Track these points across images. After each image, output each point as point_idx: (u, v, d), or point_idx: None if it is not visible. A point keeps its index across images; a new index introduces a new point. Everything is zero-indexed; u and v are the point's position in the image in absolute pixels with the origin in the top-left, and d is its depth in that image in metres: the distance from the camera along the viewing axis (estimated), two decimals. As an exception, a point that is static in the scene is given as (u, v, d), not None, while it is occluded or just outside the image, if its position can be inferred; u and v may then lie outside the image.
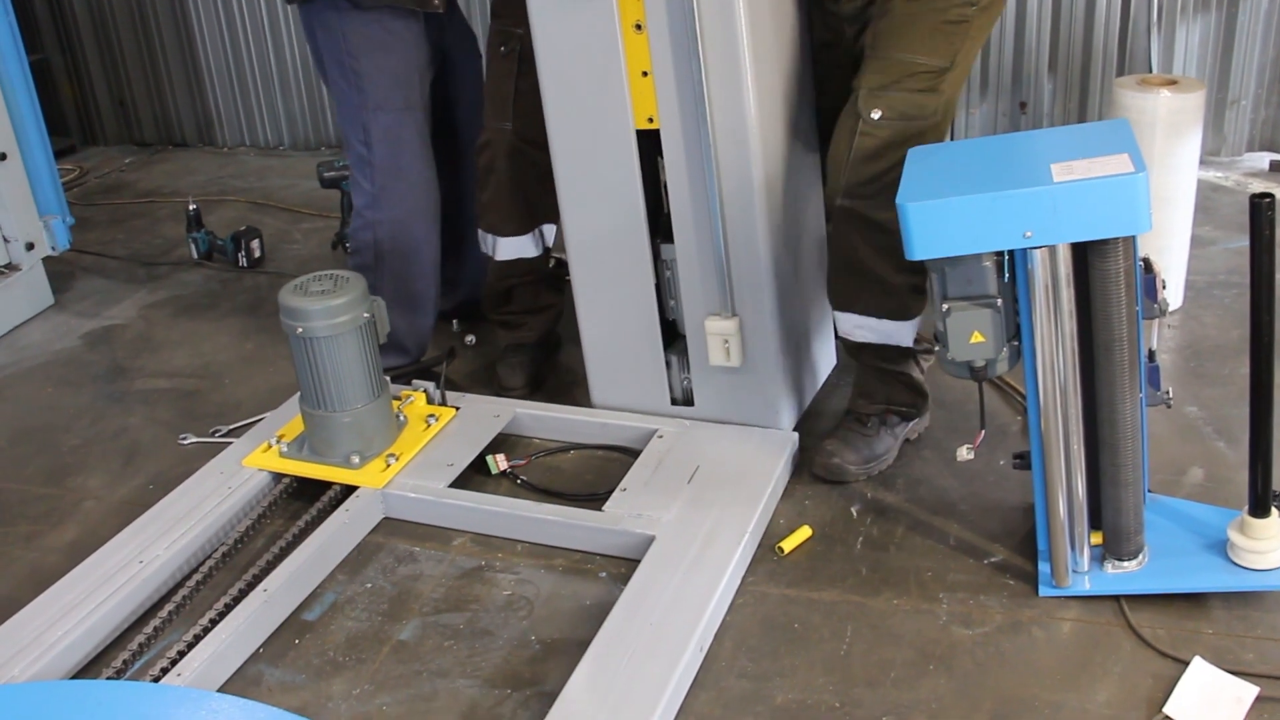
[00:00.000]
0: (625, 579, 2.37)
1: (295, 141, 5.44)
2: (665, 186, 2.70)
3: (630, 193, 2.69)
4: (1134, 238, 2.08)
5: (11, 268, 3.90)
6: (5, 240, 3.87)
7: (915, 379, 2.74)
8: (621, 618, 2.23)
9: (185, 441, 3.12)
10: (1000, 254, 2.14)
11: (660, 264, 2.80)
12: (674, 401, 2.90)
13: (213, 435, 3.12)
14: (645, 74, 2.56)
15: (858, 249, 2.55)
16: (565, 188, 2.76)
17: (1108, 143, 2.12)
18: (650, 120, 2.60)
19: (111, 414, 3.31)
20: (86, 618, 2.38)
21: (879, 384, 2.73)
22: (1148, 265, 2.23)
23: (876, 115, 2.45)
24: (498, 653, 2.30)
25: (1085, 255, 2.10)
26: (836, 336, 2.78)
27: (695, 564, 2.35)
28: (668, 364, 2.87)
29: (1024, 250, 2.09)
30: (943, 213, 2.05)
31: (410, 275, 3.12)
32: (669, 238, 2.73)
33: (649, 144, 2.66)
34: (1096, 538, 2.32)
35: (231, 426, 3.14)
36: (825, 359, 3.10)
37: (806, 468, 2.74)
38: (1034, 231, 2.03)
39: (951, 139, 2.93)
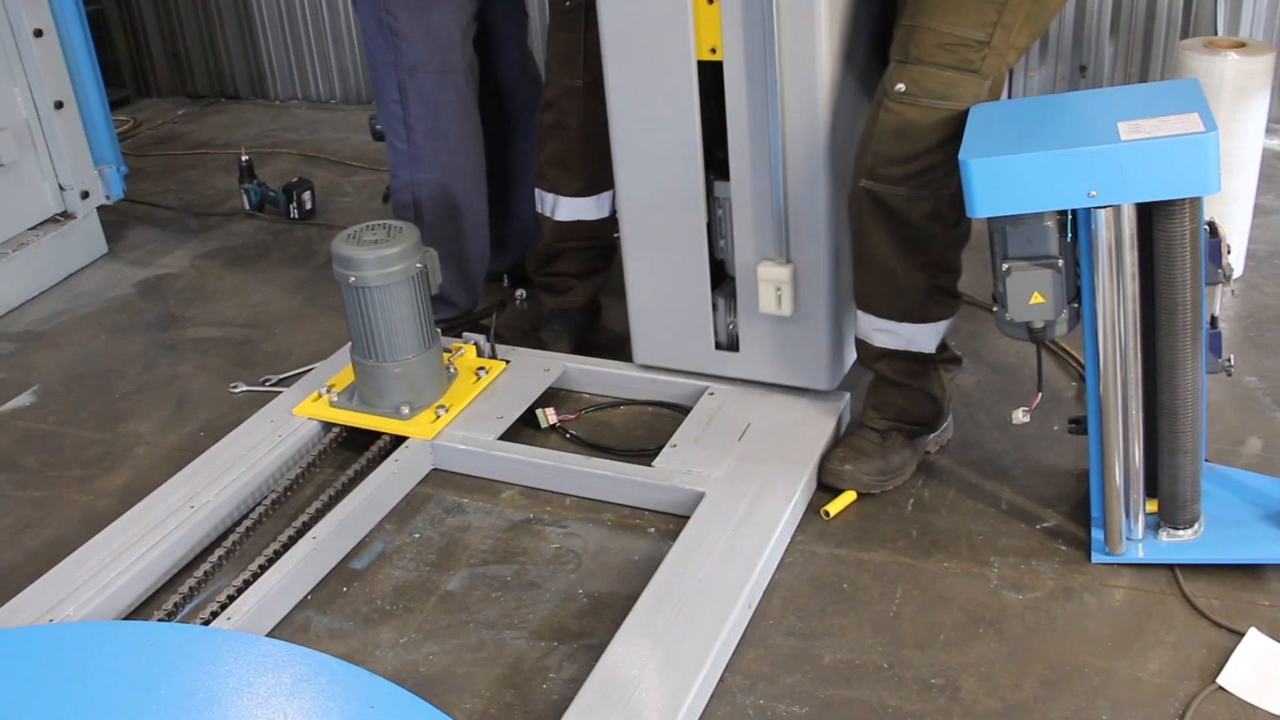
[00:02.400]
0: (674, 535, 2.37)
1: (347, 95, 5.44)
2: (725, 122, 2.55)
3: (687, 127, 2.57)
4: (1200, 199, 2.03)
5: (67, 216, 3.92)
6: (61, 188, 3.89)
7: (934, 394, 2.54)
8: (670, 573, 2.22)
9: (236, 390, 3.13)
10: (1063, 213, 2.10)
11: (713, 201, 2.68)
12: (718, 345, 2.79)
13: (263, 384, 3.14)
14: (711, 1, 2.44)
15: (871, 238, 2.38)
16: (619, 122, 2.64)
17: (1177, 101, 2.08)
18: (713, 51, 2.47)
19: (163, 361, 3.34)
20: (138, 560, 2.40)
21: (893, 396, 2.55)
22: (1213, 229, 2.18)
23: (900, 89, 2.26)
24: (545, 605, 2.30)
25: (1150, 216, 2.06)
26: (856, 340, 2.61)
27: (745, 521, 2.34)
28: (714, 306, 2.76)
29: (1088, 210, 2.05)
30: (1006, 170, 2.01)
31: (454, 235, 3.09)
32: (723, 175, 2.61)
33: (708, 77, 2.53)
34: (1151, 505, 2.29)
35: (282, 376, 3.15)
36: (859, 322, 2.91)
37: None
38: (1099, 190, 1.99)
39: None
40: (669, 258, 2.74)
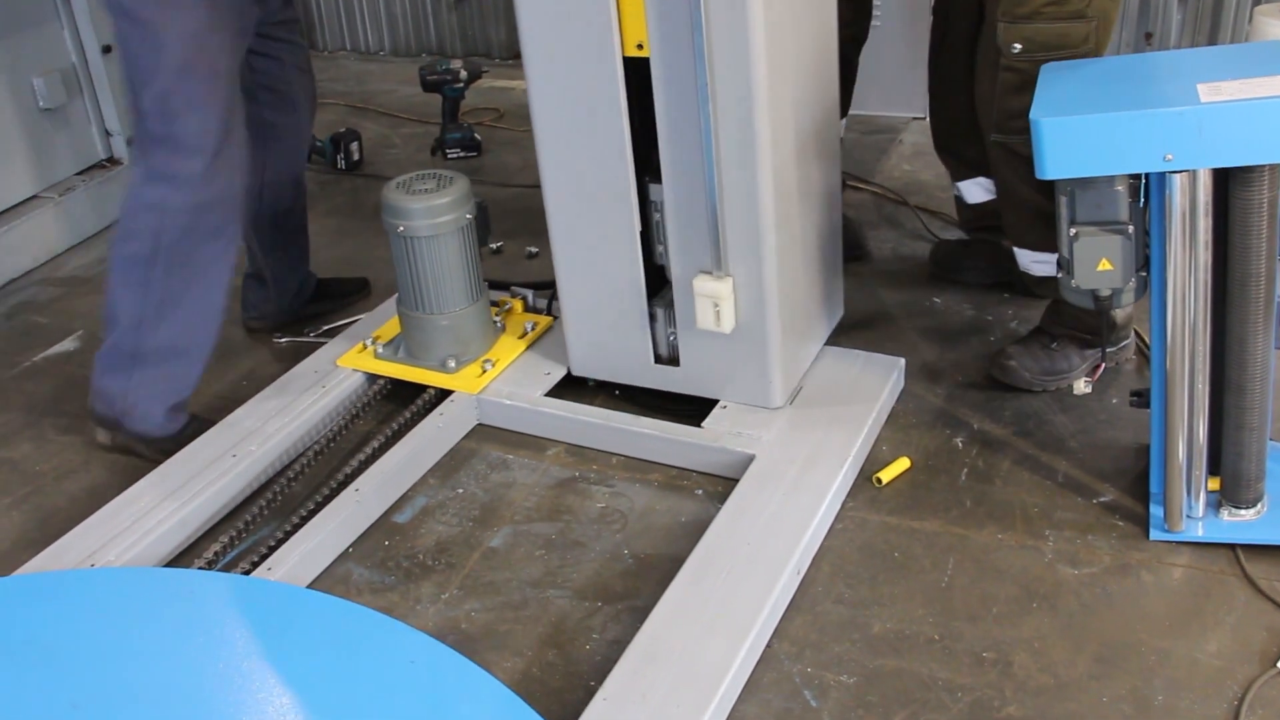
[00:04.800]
0: (722, 497, 2.32)
1: (396, 47, 5.38)
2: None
3: (614, 128, 2.33)
4: (1279, 167, 1.96)
5: (113, 162, 3.90)
6: (108, 134, 3.87)
7: None
8: (718, 536, 2.18)
9: (280, 340, 3.11)
10: (1134, 177, 2.04)
11: (650, 205, 2.46)
12: (657, 359, 2.60)
13: (307, 335, 3.11)
14: None
15: (1015, 185, 2.47)
16: (542, 120, 2.41)
17: (1259, 64, 2.00)
18: (640, 47, 2.24)
19: (208, 309, 3.31)
20: (180, 508, 2.39)
21: (1066, 307, 2.57)
22: (1290, 199, 2.11)
23: (1016, 49, 2.33)
24: (589, 565, 2.27)
25: (1225, 183, 1.98)
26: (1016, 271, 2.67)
27: (795, 486, 2.29)
28: (652, 316, 2.55)
29: (1162, 174, 1.98)
30: (1078, 130, 1.94)
31: (195, 272, 2.56)
32: (659, 177, 2.38)
33: (639, 74, 2.29)
34: (1213, 483, 2.23)
35: (326, 327, 3.12)
36: (829, 314, 2.72)
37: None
38: (1175, 154, 1.91)
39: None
40: (601, 265, 2.53)
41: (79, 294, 3.46)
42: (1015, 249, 2.62)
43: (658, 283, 2.55)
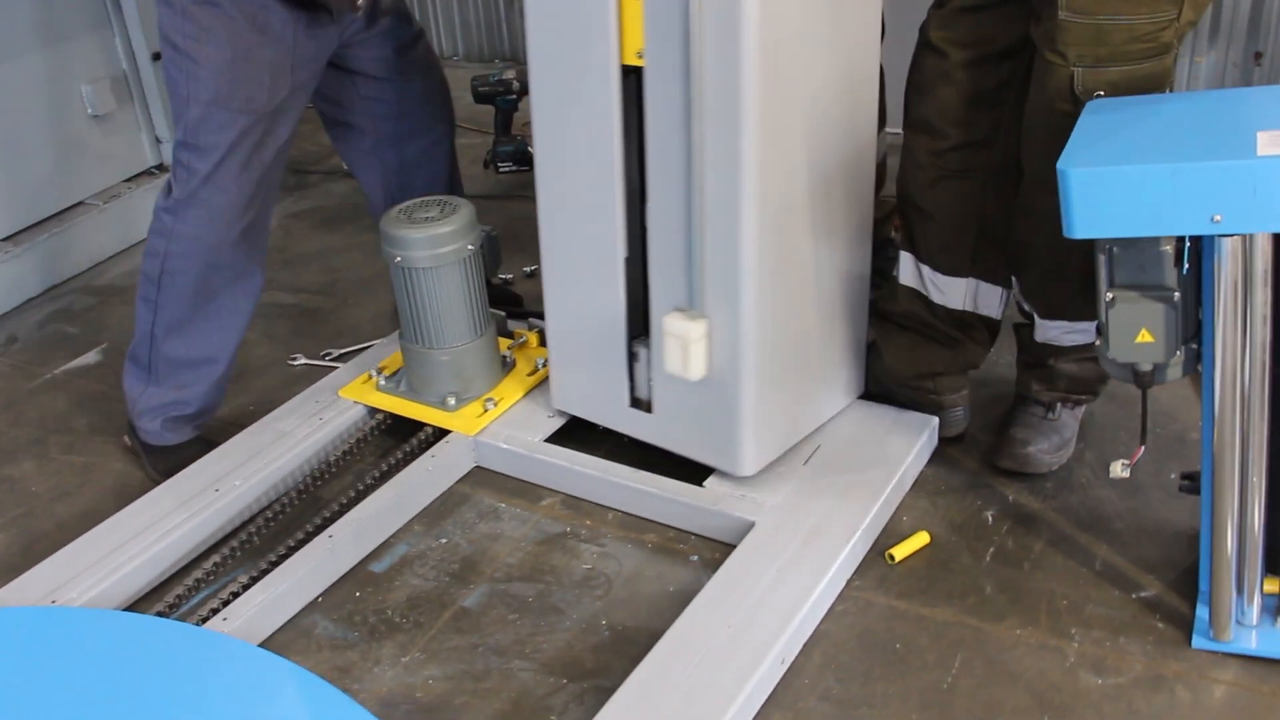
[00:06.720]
0: (717, 566, 2.12)
1: (469, 52, 5.26)
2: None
3: (605, 143, 2.15)
4: (1353, 233, 1.69)
5: (163, 169, 3.83)
6: (158, 141, 3.81)
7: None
8: (697, 615, 1.98)
9: (295, 363, 2.99)
10: (1184, 237, 1.78)
11: (647, 231, 2.25)
12: (634, 403, 2.39)
13: (324, 358, 2.99)
14: None
15: (1073, 248, 2.06)
16: (541, 134, 2.25)
17: (1334, 111, 1.73)
18: (640, 55, 2.07)
19: (233, 326, 3.21)
20: (152, 545, 2.28)
21: (1067, 369, 2.36)
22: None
23: (1101, 95, 1.99)
24: (562, 635, 2.09)
25: (1289, 248, 1.73)
26: (1031, 337, 2.37)
27: (793, 561, 2.08)
28: (635, 355, 2.34)
29: (1211, 237, 1.72)
30: (1112, 183, 1.68)
31: (203, 301, 2.52)
32: None
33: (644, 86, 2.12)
34: (1271, 584, 1.96)
35: (344, 350, 3.00)
36: (848, 376, 2.47)
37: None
38: (1225, 215, 1.65)
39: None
40: (586, 291, 2.33)
41: (113, 304, 3.39)
42: (1043, 321, 2.30)
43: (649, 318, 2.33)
